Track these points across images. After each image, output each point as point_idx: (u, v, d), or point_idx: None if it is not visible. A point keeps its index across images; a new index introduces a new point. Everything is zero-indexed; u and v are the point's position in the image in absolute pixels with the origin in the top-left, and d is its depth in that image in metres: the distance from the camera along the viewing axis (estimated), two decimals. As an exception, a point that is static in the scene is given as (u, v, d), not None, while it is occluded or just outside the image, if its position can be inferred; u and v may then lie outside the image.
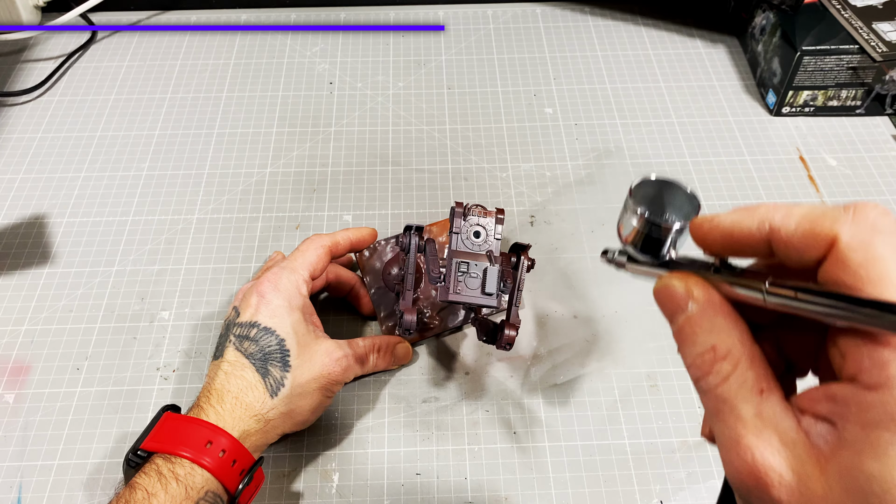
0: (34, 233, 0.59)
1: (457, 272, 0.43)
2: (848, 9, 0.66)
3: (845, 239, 0.20)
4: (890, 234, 0.20)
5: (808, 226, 0.21)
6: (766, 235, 0.22)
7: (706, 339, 0.23)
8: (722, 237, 0.24)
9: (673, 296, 0.25)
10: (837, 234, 0.20)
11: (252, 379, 0.42)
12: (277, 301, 0.44)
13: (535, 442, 0.47)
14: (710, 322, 0.23)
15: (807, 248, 0.21)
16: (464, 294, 0.43)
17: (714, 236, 0.25)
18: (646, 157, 0.64)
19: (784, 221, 0.22)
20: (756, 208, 0.23)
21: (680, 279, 0.25)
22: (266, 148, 0.65)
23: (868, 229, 0.20)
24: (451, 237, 0.45)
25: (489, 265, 0.43)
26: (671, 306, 0.25)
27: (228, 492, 0.39)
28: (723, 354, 0.23)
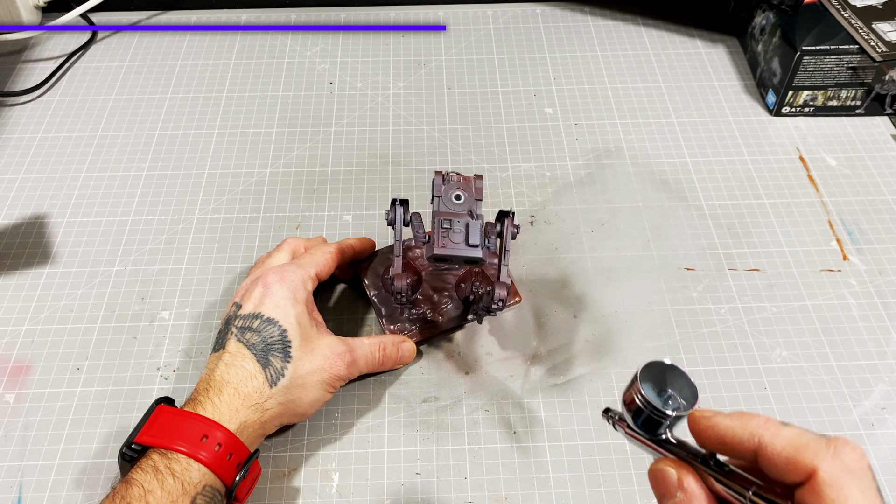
0: (34, 233, 0.59)
1: (441, 228, 0.44)
2: (848, 9, 0.66)
3: (823, 475, 0.23)
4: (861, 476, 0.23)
5: (792, 452, 0.24)
6: (754, 447, 0.25)
7: None
8: (716, 438, 0.27)
9: (665, 480, 0.27)
10: (817, 468, 0.23)
11: (252, 369, 0.42)
12: (282, 293, 0.44)
13: (535, 442, 0.47)
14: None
15: (788, 471, 0.24)
16: (448, 248, 0.43)
17: (708, 435, 0.27)
18: (646, 157, 0.64)
19: (771, 441, 0.25)
20: (749, 419, 0.26)
21: (674, 467, 0.27)
22: (266, 148, 0.65)
23: (843, 469, 0.23)
24: (434, 201, 0.46)
25: (471, 220, 0.44)
26: (662, 489, 0.27)
27: (226, 485, 0.39)
28: None
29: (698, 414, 0.28)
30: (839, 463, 0.24)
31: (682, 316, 0.53)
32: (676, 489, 0.27)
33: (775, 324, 0.53)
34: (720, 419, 0.27)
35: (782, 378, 0.50)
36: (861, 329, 0.53)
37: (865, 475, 0.24)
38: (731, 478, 0.26)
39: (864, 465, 0.24)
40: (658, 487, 0.28)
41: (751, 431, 0.25)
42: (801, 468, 0.24)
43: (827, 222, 0.59)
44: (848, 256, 0.57)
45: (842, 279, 0.56)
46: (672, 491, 0.27)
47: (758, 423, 0.26)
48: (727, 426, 0.26)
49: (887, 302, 0.54)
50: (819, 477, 0.23)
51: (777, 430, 0.25)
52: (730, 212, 0.60)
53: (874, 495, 0.24)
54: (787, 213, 0.60)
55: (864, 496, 0.23)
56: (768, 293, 0.55)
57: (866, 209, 0.60)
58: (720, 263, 0.56)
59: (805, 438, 0.24)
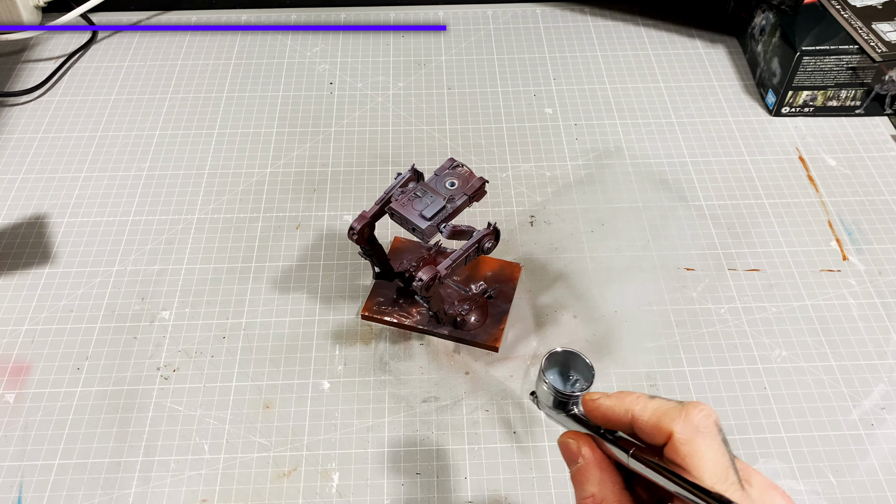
0: (34, 233, 0.59)
1: (413, 194, 0.47)
2: (847, 9, 0.66)
3: (677, 435, 0.29)
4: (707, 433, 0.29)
5: (655, 420, 0.30)
6: (630, 420, 0.31)
7: (589, 487, 0.32)
8: (601, 416, 0.32)
9: (569, 450, 0.33)
10: (673, 430, 0.29)
11: None
12: None
13: (535, 442, 0.47)
14: (591, 475, 0.32)
15: (654, 436, 0.30)
16: (405, 209, 0.46)
17: (595, 414, 0.32)
18: (645, 157, 0.64)
19: (640, 413, 0.30)
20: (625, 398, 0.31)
21: (573, 438, 0.33)
22: (266, 148, 0.65)
23: (693, 429, 0.29)
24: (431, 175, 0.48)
25: (444, 202, 0.46)
26: (567, 457, 0.33)
27: None
28: (599, 500, 0.31)
29: (587, 397, 0.33)
30: (689, 425, 0.29)
31: (682, 316, 0.53)
32: (577, 455, 0.32)
33: (775, 324, 0.53)
34: (602, 401, 0.32)
35: (782, 378, 0.50)
36: (861, 329, 0.53)
37: (710, 430, 0.29)
38: (618, 443, 0.32)
39: (709, 422, 0.29)
40: (565, 455, 0.34)
41: (625, 408, 0.31)
42: (663, 432, 0.29)
43: (827, 222, 0.59)
44: (848, 256, 0.57)
45: (841, 279, 0.56)
46: (574, 458, 0.33)
47: (631, 400, 0.31)
48: (608, 406, 0.32)
49: (887, 302, 0.54)
50: (675, 437, 0.29)
51: (645, 404, 0.31)
52: (730, 212, 0.60)
53: (718, 446, 0.29)
54: (786, 213, 0.60)
55: (710, 448, 0.29)
56: (768, 293, 0.55)
57: (866, 209, 0.60)
58: (720, 263, 0.57)
59: (665, 408, 0.30)
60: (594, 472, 0.32)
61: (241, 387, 0.50)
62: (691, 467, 0.28)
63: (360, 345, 0.52)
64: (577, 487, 0.32)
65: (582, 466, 0.32)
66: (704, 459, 0.28)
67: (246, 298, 0.55)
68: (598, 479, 0.32)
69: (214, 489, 0.45)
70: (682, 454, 0.29)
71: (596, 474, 0.32)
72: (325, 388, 0.50)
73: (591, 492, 0.31)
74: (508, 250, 0.57)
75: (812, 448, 0.47)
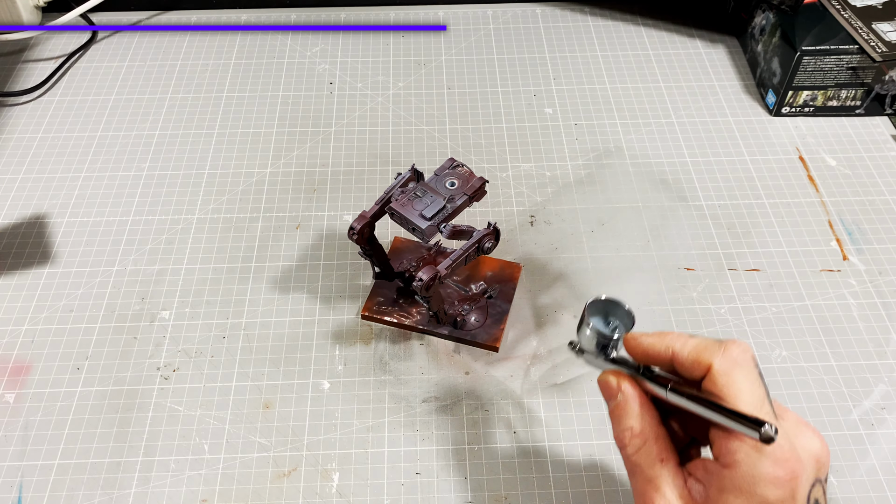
0: (34, 233, 0.59)
1: (413, 194, 0.47)
2: (848, 9, 0.66)
3: (716, 367, 0.31)
4: (745, 365, 0.31)
5: (695, 355, 0.31)
6: (670, 356, 0.33)
7: (627, 421, 0.33)
8: (642, 353, 0.34)
9: (609, 386, 0.35)
10: (712, 363, 0.31)
11: None
12: None
13: (535, 442, 0.47)
14: (630, 409, 0.33)
15: (693, 370, 0.32)
16: (405, 209, 0.46)
17: (637, 352, 0.34)
18: (646, 157, 0.64)
19: (681, 350, 0.32)
20: (665, 336, 0.33)
21: (613, 376, 0.35)
22: (266, 148, 0.65)
23: (731, 361, 0.31)
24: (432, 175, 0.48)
25: (444, 202, 0.46)
26: (607, 393, 0.35)
27: None
28: (637, 433, 0.33)
29: (629, 336, 0.35)
30: (728, 358, 0.31)
31: (682, 316, 0.53)
32: (617, 391, 0.34)
33: (775, 324, 0.53)
34: (644, 338, 0.34)
35: (782, 378, 0.50)
36: (861, 329, 0.53)
37: (748, 364, 0.31)
38: (657, 380, 0.33)
39: (747, 356, 0.31)
40: (605, 392, 0.35)
41: (666, 344, 0.33)
42: (702, 365, 0.31)
43: (827, 222, 0.59)
44: (848, 256, 0.57)
45: (842, 279, 0.56)
46: (614, 393, 0.34)
47: (672, 338, 0.33)
48: (649, 343, 0.33)
49: (887, 302, 0.54)
50: (714, 369, 0.31)
51: (685, 341, 0.32)
52: (730, 212, 0.60)
53: (755, 378, 0.31)
54: (787, 213, 0.60)
55: (747, 380, 0.30)
56: (768, 293, 0.55)
57: (866, 209, 0.60)
58: (720, 263, 0.56)
59: (704, 343, 0.32)
60: (633, 407, 0.33)
61: (241, 387, 0.50)
62: (729, 397, 0.30)
63: (360, 345, 0.52)
64: (616, 421, 0.34)
65: (621, 402, 0.34)
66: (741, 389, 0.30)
67: (246, 298, 0.55)
68: (636, 413, 0.33)
69: (214, 489, 0.45)
70: (720, 385, 0.30)
71: (634, 408, 0.33)
72: (325, 388, 0.50)
73: (630, 424, 0.33)
74: (508, 250, 0.57)
75: (812, 448, 0.47)
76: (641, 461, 0.33)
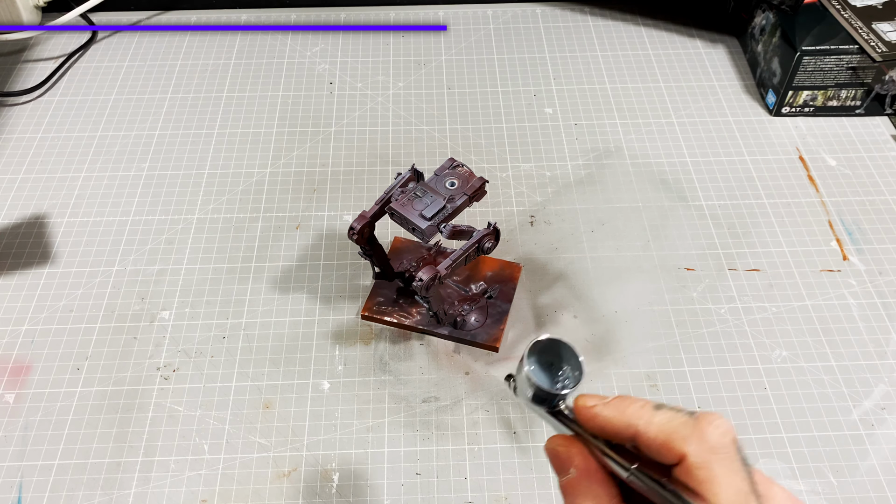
0: (34, 233, 0.59)
1: (413, 194, 0.47)
2: (848, 9, 0.66)
3: (691, 459, 0.25)
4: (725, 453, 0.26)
5: (664, 439, 0.26)
6: (632, 435, 0.27)
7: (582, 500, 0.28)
8: (597, 427, 0.28)
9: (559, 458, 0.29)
10: (686, 452, 0.25)
11: None
12: None
13: (535, 442, 0.47)
14: (586, 487, 0.28)
15: (662, 455, 0.26)
16: (405, 209, 0.46)
17: (591, 424, 0.28)
18: (646, 157, 0.64)
19: (645, 430, 0.27)
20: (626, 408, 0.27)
21: (564, 446, 0.29)
22: (266, 148, 0.65)
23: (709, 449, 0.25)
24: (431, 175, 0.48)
25: (444, 202, 0.46)
26: (557, 465, 0.29)
27: None
28: None
29: (580, 403, 0.29)
30: (705, 445, 0.26)
31: (682, 316, 0.53)
32: (569, 465, 0.29)
33: (775, 324, 0.53)
34: (600, 409, 0.28)
35: (782, 378, 0.50)
36: (861, 329, 0.53)
37: (729, 451, 0.26)
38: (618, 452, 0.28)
39: (727, 441, 0.26)
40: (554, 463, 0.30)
41: (627, 421, 0.27)
42: (673, 453, 0.26)
43: (827, 222, 0.59)
44: (848, 256, 0.57)
45: (842, 279, 0.56)
46: (566, 467, 0.29)
47: (633, 412, 0.27)
48: (606, 417, 0.28)
49: (887, 302, 0.54)
50: (688, 461, 0.25)
51: (650, 418, 0.27)
52: (730, 212, 0.60)
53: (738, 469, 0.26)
54: (787, 213, 0.60)
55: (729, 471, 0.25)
56: (768, 293, 0.55)
57: (866, 209, 0.60)
58: (720, 263, 0.56)
59: (674, 424, 0.26)
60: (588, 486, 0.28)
61: (241, 387, 0.50)
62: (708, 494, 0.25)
63: (360, 345, 0.52)
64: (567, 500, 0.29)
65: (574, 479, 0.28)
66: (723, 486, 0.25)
67: (246, 298, 0.55)
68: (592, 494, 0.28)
69: (214, 489, 0.45)
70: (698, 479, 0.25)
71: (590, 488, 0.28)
72: (325, 388, 0.50)
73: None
74: (508, 250, 0.57)
75: (812, 448, 0.47)
76: None
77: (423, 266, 0.45)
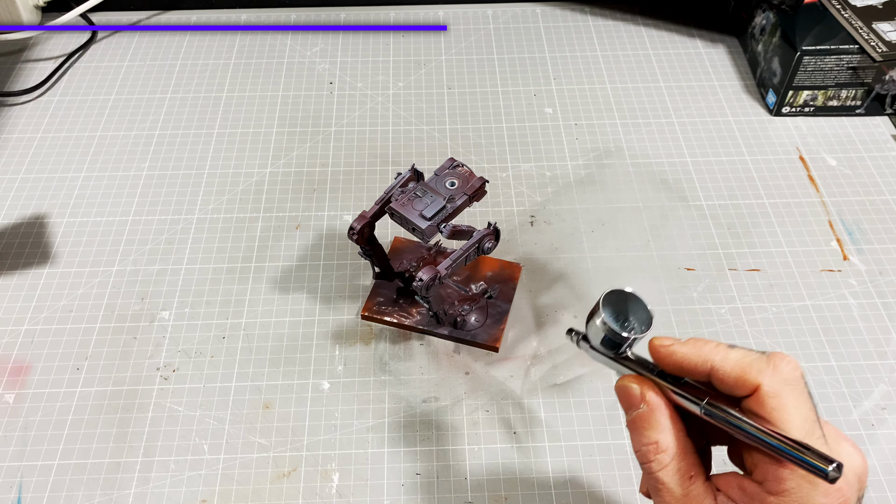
0: (34, 233, 0.59)
1: (413, 193, 0.47)
2: (848, 9, 0.66)
3: (765, 388, 0.28)
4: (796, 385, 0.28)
5: (739, 372, 0.29)
6: (707, 370, 0.30)
7: (651, 434, 0.30)
8: (674, 364, 0.31)
9: (630, 394, 0.31)
10: (760, 383, 0.28)
11: None
12: None
13: (535, 442, 0.47)
14: (656, 421, 0.30)
15: (736, 388, 0.29)
16: (405, 209, 0.46)
17: (667, 362, 0.31)
18: (646, 157, 0.64)
19: (722, 364, 0.29)
20: (702, 346, 0.30)
21: (637, 383, 0.31)
22: (266, 148, 0.65)
23: (782, 381, 0.28)
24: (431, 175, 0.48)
25: (444, 202, 0.46)
26: (627, 402, 0.32)
27: None
28: (664, 448, 0.30)
29: (657, 342, 0.31)
30: (778, 377, 0.28)
31: (682, 316, 0.53)
32: (640, 401, 0.31)
33: (775, 324, 0.53)
34: (677, 347, 0.31)
35: (782, 378, 0.50)
36: (861, 329, 0.53)
37: (799, 384, 0.28)
38: (686, 389, 0.30)
39: (798, 375, 0.28)
40: (624, 401, 0.32)
41: (703, 357, 0.30)
42: (748, 384, 0.28)
43: (827, 222, 0.59)
44: (848, 256, 0.57)
45: (842, 279, 0.56)
46: (636, 403, 0.31)
47: (709, 350, 0.30)
48: (683, 354, 0.30)
49: (887, 302, 0.54)
50: (762, 390, 0.28)
51: (726, 354, 0.29)
52: (730, 212, 0.60)
53: (806, 399, 0.28)
54: (787, 213, 0.60)
55: (799, 401, 0.28)
56: (768, 293, 0.55)
57: (866, 209, 0.60)
58: (720, 263, 0.56)
59: (749, 359, 0.29)
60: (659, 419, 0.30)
61: (241, 387, 0.50)
62: (779, 421, 0.27)
63: (360, 345, 0.52)
64: (637, 434, 0.31)
65: (644, 413, 0.31)
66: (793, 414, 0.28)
67: (246, 298, 0.55)
68: (662, 427, 0.30)
69: (214, 489, 0.45)
70: (770, 407, 0.28)
71: (661, 421, 0.30)
72: (325, 388, 0.50)
73: (655, 438, 0.30)
74: (508, 250, 0.57)
75: (812, 448, 0.47)
76: (668, 479, 0.30)
77: (423, 266, 0.45)
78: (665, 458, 0.30)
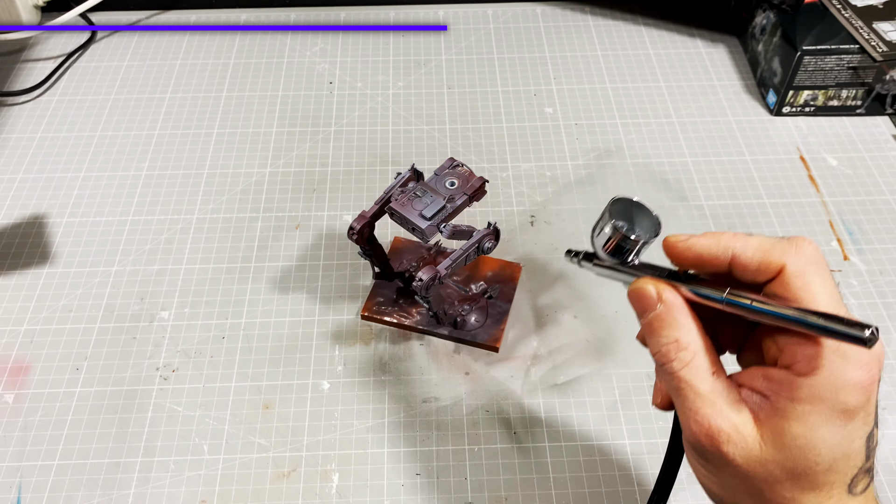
0: (34, 233, 0.59)
1: (413, 193, 0.47)
2: (848, 8, 0.66)
3: (790, 268, 0.28)
4: (819, 264, 0.28)
5: (762, 256, 0.28)
6: (728, 259, 0.29)
7: (671, 332, 0.30)
8: (694, 257, 0.31)
9: (645, 296, 0.31)
10: (785, 264, 0.28)
11: None
12: None
13: (535, 442, 0.47)
14: (674, 319, 0.30)
15: (759, 273, 0.29)
16: (405, 209, 0.46)
17: (686, 256, 0.31)
18: (646, 157, 0.64)
19: (743, 250, 0.29)
20: (720, 236, 0.30)
21: (652, 283, 0.31)
22: (266, 148, 0.65)
23: (805, 261, 0.28)
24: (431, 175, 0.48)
25: (444, 202, 0.46)
26: (643, 305, 0.31)
27: None
28: (685, 346, 0.29)
29: (673, 239, 0.31)
30: (803, 257, 0.28)
31: (682, 316, 0.53)
32: (656, 302, 0.30)
33: (776, 324, 0.53)
34: (695, 240, 0.31)
35: (783, 378, 0.50)
36: (862, 329, 0.53)
37: (822, 263, 0.28)
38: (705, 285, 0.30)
39: (820, 256, 0.28)
40: (638, 304, 0.31)
41: (723, 246, 0.30)
42: (772, 267, 0.28)
43: (827, 222, 0.59)
44: (848, 256, 0.57)
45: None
46: (652, 304, 0.31)
47: (728, 238, 0.30)
48: (703, 245, 0.30)
49: (888, 302, 0.54)
50: (787, 270, 0.28)
51: (746, 241, 0.29)
52: (730, 212, 0.60)
53: (829, 278, 0.28)
54: (787, 212, 0.60)
55: (822, 279, 0.28)
56: (769, 293, 0.55)
57: (867, 209, 0.60)
58: (720, 263, 0.56)
59: (770, 242, 0.29)
60: (677, 317, 0.30)
61: (241, 387, 0.50)
62: (805, 300, 0.27)
63: (360, 345, 0.52)
64: (654, 335, 0.30)
65: (661, 313, 0.30)
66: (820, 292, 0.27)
67: (246, 298, 0.55)
68: (681, 324, 0.30)
69: (214, 490, 0.45)
70: (796, 287, 0.27)
71: (680, 319, 0.30)
72: (325, 388, 0.50)
73: (675, 337, 0.30)
74: (508, 250, 0.57)
75: (813, 448, 0.47)
76: (691, 376, 0.29)
77: (423, 266, 0.45)
78: (687, 356, 0.29)
